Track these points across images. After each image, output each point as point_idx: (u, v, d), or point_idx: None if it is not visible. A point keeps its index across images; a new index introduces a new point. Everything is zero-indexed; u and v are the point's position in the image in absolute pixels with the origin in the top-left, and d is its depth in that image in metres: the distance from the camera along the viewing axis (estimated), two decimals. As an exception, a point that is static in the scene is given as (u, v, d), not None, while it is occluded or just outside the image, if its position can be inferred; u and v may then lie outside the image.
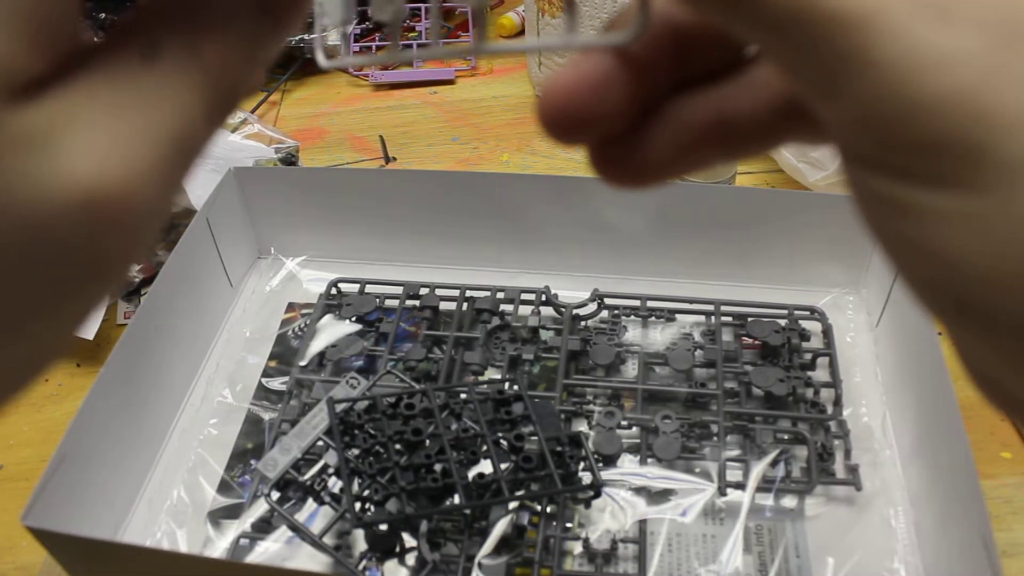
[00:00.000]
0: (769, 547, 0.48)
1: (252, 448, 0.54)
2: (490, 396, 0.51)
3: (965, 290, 0.15)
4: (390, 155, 0.81)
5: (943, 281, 0.15)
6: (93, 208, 0.14)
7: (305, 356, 0.58)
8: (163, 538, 0.50)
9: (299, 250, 0.67)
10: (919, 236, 0.15)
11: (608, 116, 0.18)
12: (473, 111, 0.87)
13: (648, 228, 0.61)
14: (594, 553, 0.47)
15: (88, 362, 0.61)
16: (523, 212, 0.62)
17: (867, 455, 0.51)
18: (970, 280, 0.15)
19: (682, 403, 0.55)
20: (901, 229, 0.15)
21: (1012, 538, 0.48)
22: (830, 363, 0.56)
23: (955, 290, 0.15)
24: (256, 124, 0.81)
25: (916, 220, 0.15)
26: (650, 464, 0.51)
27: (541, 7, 0.79)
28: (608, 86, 0.17)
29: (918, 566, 0.47)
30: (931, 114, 0.14)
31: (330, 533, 0.47)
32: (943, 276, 0.15)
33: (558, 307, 0.60)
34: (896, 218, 0.15)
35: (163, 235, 0.67)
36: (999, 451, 0.53)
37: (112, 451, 0.49)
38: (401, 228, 0.65)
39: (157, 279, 0.54)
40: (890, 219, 0.16)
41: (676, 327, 0.60)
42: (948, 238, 0.15)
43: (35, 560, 0.49)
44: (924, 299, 0.16)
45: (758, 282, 0.62)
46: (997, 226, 0.14)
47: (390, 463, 0.47)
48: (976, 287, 0.15)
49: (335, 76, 0.93)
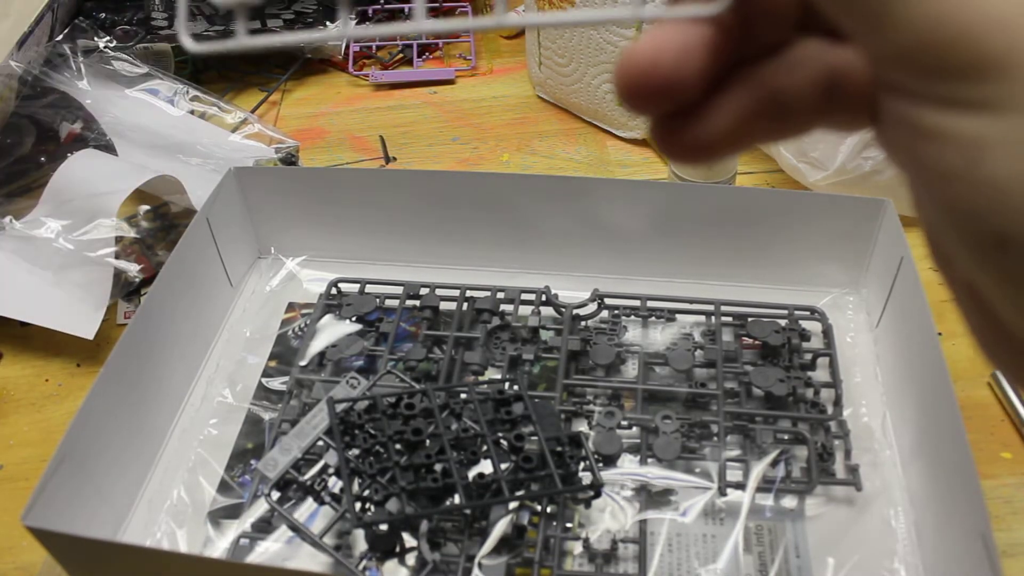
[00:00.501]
0: (769, 547, 0.48)
1: (252, 448, 0.54)
2: (490, 396, 0.51)
3: (1010, 220, 0.15)
4: (390, 155, 0.81)
5: (987, 213, 0.15)
6: None
7: (305, 356, 0.58)
8: (163, 538, 0.50)
9: (299, 250, 0.67)
10: (964, 165, 0.15)
11: (685, 86, 0.18)
12: (473, 111, 0.87)
13: (648, 228, 0.61)
14: (594, 553, 0.47)
15: (88, 362, 0.61)
16: (523, 212, 0.62)
17: (867, 455, 0.51)
18: (1015, 210, 0.15)
19: (682, 403, 0.55)
20: (945, 160, 0.16)
21: (1012, 538, 0.48)
22: (830, 363, 0.56)
23: (998, 221, 0.15)
24: (256, 124, 0.81)
25: (962, 149, 0.15)
26: (650, 464, 0.51)
27: (541, 7, 0.79)
28: (689, 56, 0.18)
29: (918, 566, 0.47)
30: (979, 38, 0.15)
31: (330, 533, 0.47)
32: (987, 207, 0.15)
33: (558, 307, 0.60)
34: (941, 149, 0.16)
35: (163, 235, 0.67)
36: (999, 451, 0.53)
37: (112, 451, 0.49)
38: (401, 228, 0.65)
39: (157, 279, 0.54)
40: (934, 152, 0.16)
41: (676, 327, 0.60)
42: (995, 164, 0.15)
43: (35, 560, 0.49)
44: (963, 236, 0.16)
45: (758, 282, 0.62)
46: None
47: (390, 463, 0.47)
48: (1021, 216, 0.15)
49: (335, 76, 0.93)
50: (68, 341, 0.60)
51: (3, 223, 0.64)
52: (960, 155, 0.15)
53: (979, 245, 0.16)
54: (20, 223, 0.64)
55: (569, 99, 0.83)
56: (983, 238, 0.16)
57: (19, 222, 0.64)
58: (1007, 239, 0.15)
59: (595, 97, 0.80)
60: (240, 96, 0.89)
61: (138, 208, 0.67)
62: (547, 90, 0.86)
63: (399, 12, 0.98)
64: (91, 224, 0.62)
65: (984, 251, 0.16)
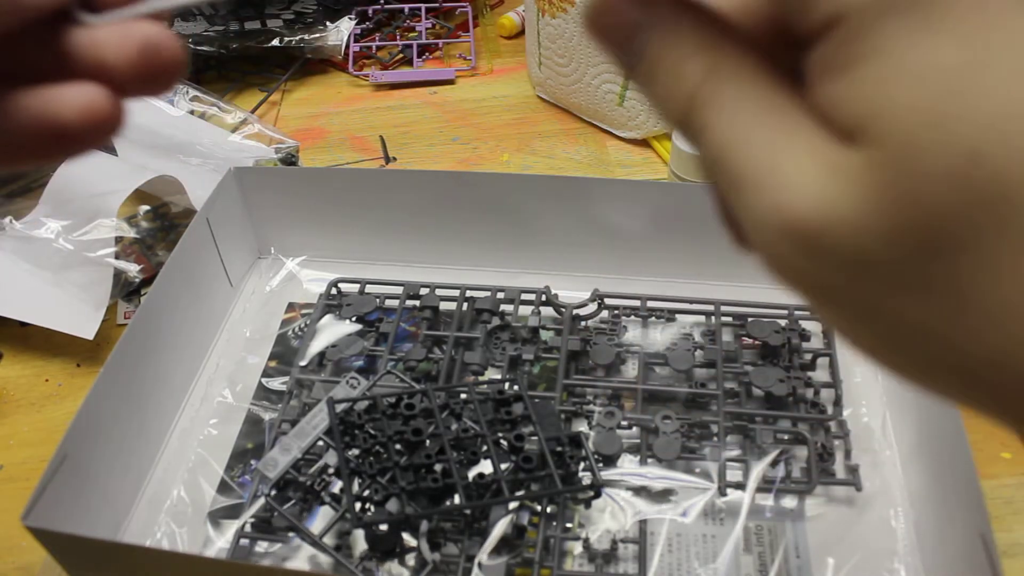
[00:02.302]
0: (769, 547, 0.48)
1: (252, 448, 0.54)
2: (490, 396, 0.51)
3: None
4: (390, 155, 0.81)
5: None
6: None
7: (305, 356, 0.58)
8: (163, 538, 0.50)
9: (299, 250, 0.67)
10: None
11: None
12: (473, 111, 0.87)
13: (648, 228, 0.61)
14: (594, 553, 0.47)
15: (88, 362, 0.61)
16: (523, 212, 0.62)
17: (867, 455, 0.51)
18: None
19: (682, 403, 0.55)
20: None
21: (1012, 538, 0.48)
22: (830, 363, 0.56)
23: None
24: (256, 124, 0.81)
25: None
26: (650, 464, 0.51)
27: (541, 7, 0.79)
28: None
29: (918, 566, 0.47)
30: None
31: (330, 533, 0.47)
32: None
33: (558, 307, 0.60)
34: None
35: (163, 235, 0.67)
36: (999, 451, 0.53)
37: (112, 451, 0.49)
38: (401, 228, 0.65)
39: (157, 279, 0.54)
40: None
41: (676, 327, 0.60)
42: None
43: (35, 560, 0.49)
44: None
45: (758, 282, 0.62)
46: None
47: (390, 463, 0.47)
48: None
49: (335, 76, 0.93)
50: (68, 341, 0.60)
51: (3, 223, 0.64)
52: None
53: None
54: (20, 223, 0.64)
55: (569, 99, 0.83)
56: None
57: (19, 222, 0.64)
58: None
59: (595, 97, 0.80)
60: (240, 96, 0.89)
61: (138, 208, 0.67)
62: (547, 90, 0.86)
63: (399, 12, 0.98)
64: (91, 224, 0.62)
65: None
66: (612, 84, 0.77)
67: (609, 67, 0.76)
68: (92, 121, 0.19)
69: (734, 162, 0.17)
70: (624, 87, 0.77)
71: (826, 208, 0.15)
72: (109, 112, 0.20)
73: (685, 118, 0.18)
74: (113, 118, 0.20)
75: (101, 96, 0.19)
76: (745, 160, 0.17)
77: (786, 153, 0.16)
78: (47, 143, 0.20)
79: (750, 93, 0.17)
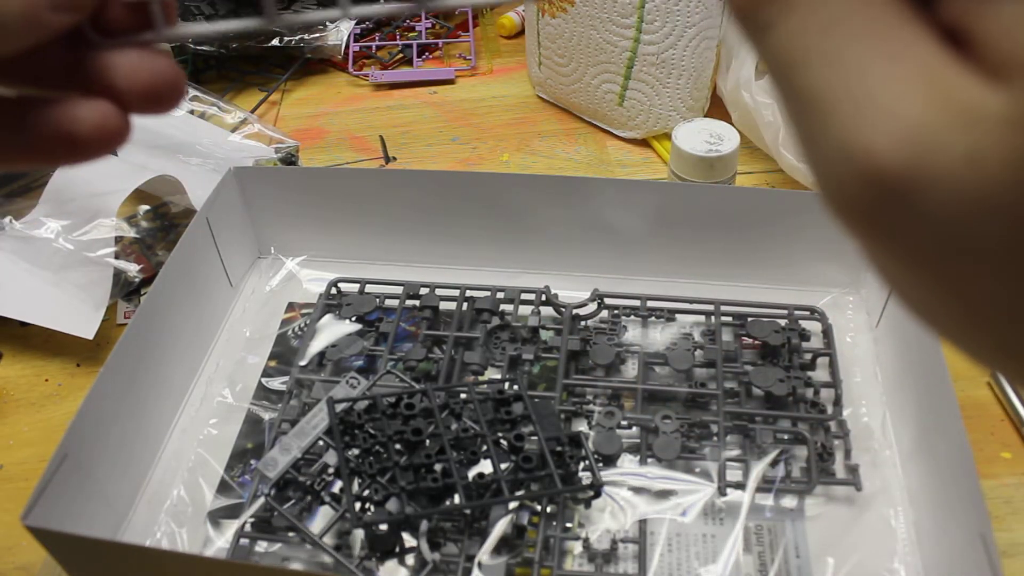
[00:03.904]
0: (769, 547, 0.48)
1: (252, 448, 0.54)
2: (490, 396, 0.51)
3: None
4: (390, 155, 0.81)
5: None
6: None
7: (305, 356, 0.58)
8: (163, 538, 0.50)
9: (299, 250, 0.67)
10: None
11: None
12: (473, 111, 0.87)
13: (648, 228, 0.61)
14: (594, 553, 0.47)
15: (88, 362, 0.61)
16: (523, 212, 0.62)
17: (867, 455, 0.51)
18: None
19: (682, 403, 0.55)
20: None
21: (1012, 538, 0.48)
22: (830, 363, 0.56)
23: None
24: (256, 124, 0.81)
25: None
26: (650, 464, 0.51)
27: (541, 7, 0.79)
28: None
29: (918, 566, 0.47)
30: None
31: (330, 533, 0.47)
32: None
33: (558, 307, 0.60)
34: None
35: (163, 235, 0.67)
36: (999, 451, 0.53)
37: (112, 451, 0.49)
38: (401, 228, 0.65)
39: (157, 279, 0.54)
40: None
41: (676, 327, 0.60)
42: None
43: (35, 560, 0.49)
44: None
45: (758, 282, 0.62)
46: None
47: (390, 463, 0.47)
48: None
49: (335, 76, 0.93)
50: (68, 341, 0.60)
51: (3, 223, 0.64)
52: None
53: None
54: (20, 223, 0.64)
55: (569, 99, 0.83)
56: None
57: (19, 222, 0.64)
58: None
59: (595, 97, 0.80)
60: (240, 96, 0.89)
61: (138, 208, 0.67)
62: (547, 90, 0.86)
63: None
64: (91, 224, 0.62)
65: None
66: (612, 84, 0.77)
67: (609, 67, 0.76)
68: (104, 135, 0.22)
69: (806, 80, 0.13)
70: (624, 87, 0.77)
71: (940, 160, 0.12)
72: (119, 128, 0.22)
73: (746, 9, 0.14)
74: (122, 133, 0.22)
75: (112, 113, 0.22)
76: (822, 81, 0.13)
77: (887, 81, 0.12)
78: (60, 151, 0.22)
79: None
